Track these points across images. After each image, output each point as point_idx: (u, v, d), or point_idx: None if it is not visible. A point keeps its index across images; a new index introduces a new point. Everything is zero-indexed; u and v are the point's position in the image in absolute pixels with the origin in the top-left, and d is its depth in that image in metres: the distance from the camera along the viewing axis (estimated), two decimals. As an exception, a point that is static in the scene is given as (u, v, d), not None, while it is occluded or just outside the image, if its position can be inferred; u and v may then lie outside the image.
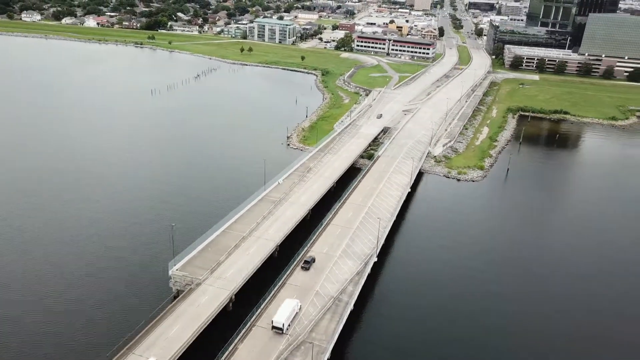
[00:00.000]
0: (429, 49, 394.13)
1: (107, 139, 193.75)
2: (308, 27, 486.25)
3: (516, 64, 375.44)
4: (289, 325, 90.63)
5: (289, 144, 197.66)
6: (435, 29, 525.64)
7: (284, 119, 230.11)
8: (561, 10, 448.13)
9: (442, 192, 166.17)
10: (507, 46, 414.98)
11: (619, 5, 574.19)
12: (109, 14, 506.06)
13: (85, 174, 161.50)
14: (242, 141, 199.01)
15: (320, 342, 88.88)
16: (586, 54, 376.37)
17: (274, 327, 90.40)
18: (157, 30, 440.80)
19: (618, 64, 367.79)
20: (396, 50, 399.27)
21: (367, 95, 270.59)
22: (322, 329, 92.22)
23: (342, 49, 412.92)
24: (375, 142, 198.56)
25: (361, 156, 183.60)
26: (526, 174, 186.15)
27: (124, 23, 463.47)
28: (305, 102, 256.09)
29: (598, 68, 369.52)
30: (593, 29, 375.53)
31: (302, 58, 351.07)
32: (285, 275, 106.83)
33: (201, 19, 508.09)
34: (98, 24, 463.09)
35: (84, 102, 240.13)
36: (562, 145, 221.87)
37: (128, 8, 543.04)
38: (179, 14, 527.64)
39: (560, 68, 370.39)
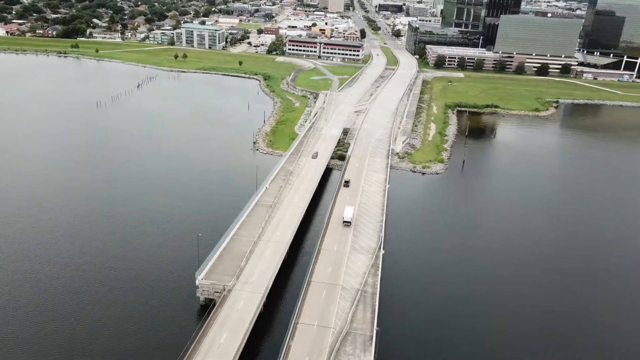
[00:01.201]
0: (358, 50, 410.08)
1: (72, 156, 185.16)
2: (234, 31, 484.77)
3: (440, 63, 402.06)
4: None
5: (257, 149, 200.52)
6: (356, 31, 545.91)
7: (242, 124, 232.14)
8: (472, 12, 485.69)
9: (412, 185, 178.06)
10: (428, 46, 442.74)
11: (529, 6, 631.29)
12: (16, 21, 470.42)
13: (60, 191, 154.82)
14: (210, 149, 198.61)
15: (363, 331, 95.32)
16: (500, 52, 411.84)
17: (344, 222, 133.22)
18: (76, 38, 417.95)
19: (527, 60, 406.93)
20: (327, 52, 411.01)
21: (315, 98, 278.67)
22: (360, 319, 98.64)
23: (274, 52, 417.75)
24: (340, 143, 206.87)
25: (331, 157, 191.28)
26: (479, 163, 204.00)
27: (37, 31, 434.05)
28: (258, 108, 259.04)
29: (511, 64, 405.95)
30: (505, 29, 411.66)
31: (240, 63, 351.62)
32: (309, 274, 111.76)
33: (120, 25, 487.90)
34: (7, 32, 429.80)
35: (33, 120, 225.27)
36: (502, 135, 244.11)
37: (35, 15, 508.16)
38: (94, 20, 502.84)
39: (478, 65, 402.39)
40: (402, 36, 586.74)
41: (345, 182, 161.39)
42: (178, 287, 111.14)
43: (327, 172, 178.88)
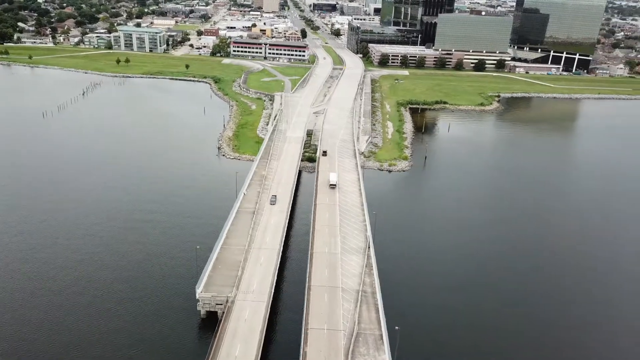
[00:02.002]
0: (304, 51, 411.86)
1: (35, 171, 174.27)
2: (173, 33, 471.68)
3: (384, 61, 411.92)
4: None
5: (224, 154, 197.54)
6: (297, 31, 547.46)
7: (201, 130, 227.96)
8: (409, 11, 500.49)
9: (382, 183, 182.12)
10: (371, 45, 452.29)
11: (459, 4, 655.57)
12: None
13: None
14: (175, 157, 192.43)
15: (372, 331, 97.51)
16: (440, 50, 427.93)
17: (330, 185, 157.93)
18: (3, 44, 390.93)
19: (465, 57, 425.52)
20: (273, 53, 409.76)
21: (270, 100, 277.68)
22: (367, 319, 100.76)
23: (219, 54, 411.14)
24: (306, 145, 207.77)
25: (301, 159, 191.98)
26: (439, 158, 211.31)
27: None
28: (214, 112, 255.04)
29: (450, 61, 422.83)
30: (443, 28, 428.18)
31: (187, 67, 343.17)
32: (308, 278, 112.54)
33: (50, 29, 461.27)
34: None
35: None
36: (455, 130, 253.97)
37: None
38: (20, 24, 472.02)
39: (420, 63, 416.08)
40: (341, 35, 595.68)
41: (324, 152, 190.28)
42: (176, 302, 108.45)
43: (298, 174, 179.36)
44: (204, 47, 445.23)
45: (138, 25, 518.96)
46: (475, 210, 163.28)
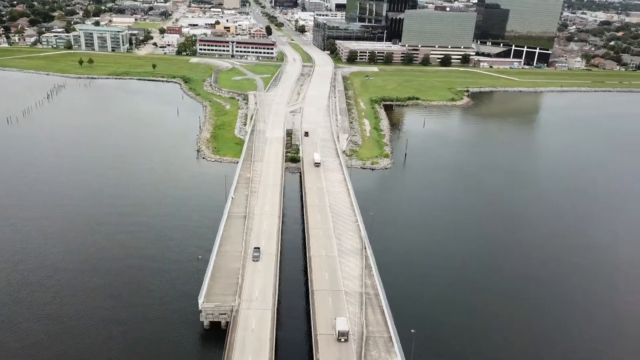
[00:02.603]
0: (272, 48, 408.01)
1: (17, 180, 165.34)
2: (135, 31, 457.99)
3: (352, 58, 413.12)
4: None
5: (204, 157, 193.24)
6: (262, 28, 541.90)
7: (177, 132, 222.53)
8: (374, 8, 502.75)
9: (368, 182, 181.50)
10: (338, 41, 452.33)
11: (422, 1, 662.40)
12: None
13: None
14: (154, 161, 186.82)
15: (381, 334, 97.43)
16: (406, 45, 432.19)
17: (315, 164, 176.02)
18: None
19: (432, 52, 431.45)
20: (241, 51, 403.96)
21: (244, 99, 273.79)
22: (374, 322, 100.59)
23: (185, 53, 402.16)
24: (288, 145, 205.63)
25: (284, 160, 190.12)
26: (419, 154, 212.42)
27: None
28: (187, 113, 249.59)
29: (417, 56, 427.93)
30: (409, 23, 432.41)
31: (154, 66, 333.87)
32: (309, 282, 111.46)
33: (2, 28, 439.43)
34: None
35: None
36: (429, 125, 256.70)
37: None
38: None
39: (388, 59, 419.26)
40: (306, 32, 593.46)
41: (305, 132, 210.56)
42: (177, 313, 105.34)
43: (285, 175, 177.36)
44: (168, 45, 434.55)
45: (97, 23, 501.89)
46: (462, 205, 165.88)
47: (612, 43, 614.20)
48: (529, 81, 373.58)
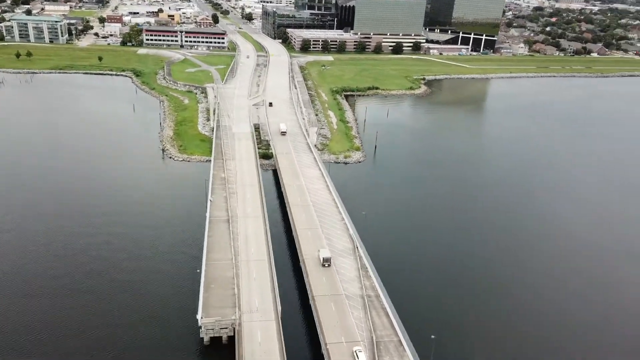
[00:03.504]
0: (223, 38, 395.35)
1: None
2: (73, 21, 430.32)
3: (305, 47, 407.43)
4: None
5: (170, 157, 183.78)
6: (208, 17, 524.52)
7: (136, 130, 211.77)
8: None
9: (344, 176, 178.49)
10: (289, 30, 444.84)
11: None
12: None
13: None
14: (118, 163, 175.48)
15: (390, 337, 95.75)
16: (359, 34, 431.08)
17: (281, 132, 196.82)
18: None
19: (384, 40, 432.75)
20: (190, 42, 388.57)
21: (203, 93, 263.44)
22: (380, 326, 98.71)
23: (130, 44, 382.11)
24: (258, 140, 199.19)
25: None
26: (388, 146, 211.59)
27: None
28: (144, 109, 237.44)
29: (370, 44, 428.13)
30: (361, 11, 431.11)
31: (100, 59, 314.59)
32: (309, 287, 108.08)
33: None
34: None
35: None
36: (393, 115, 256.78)
37: None
38: None
39: (341, 47, 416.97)
40: (254, 19, 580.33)
41: (270, 103, 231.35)
42: (175, 330, 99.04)
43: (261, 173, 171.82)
44: (111, 35, 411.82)
45: (28, 12, 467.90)
46: (442, 197, 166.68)
47: (548, 29, 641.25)
48: (479, 68, 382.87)
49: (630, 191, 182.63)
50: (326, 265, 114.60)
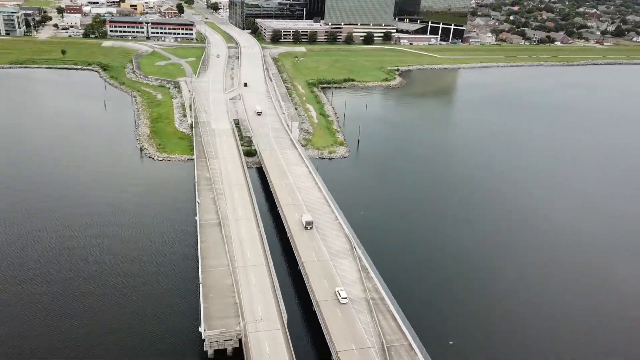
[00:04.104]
0: (191, 29, 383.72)
1: None
2: (30, 11, 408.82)
3: (276, 38, 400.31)
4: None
5: (150, 156, 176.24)
6: (173, 7, 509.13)
7: (109, 129, 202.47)
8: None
9: (331, 172, 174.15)
10: (259, 20, 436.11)
11: None
12: None
13: None
14: (92, 166, 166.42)
15: (400, 341, 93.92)
16: (329, 24, 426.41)
17: (257, 112, 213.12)
18: None
19: (355, 30, 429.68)
20: (157, 33, 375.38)
21: (176, 87, 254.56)
22: (389, 329, 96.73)
23: (93, 36, 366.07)
24: (239, 137, 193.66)
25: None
26: (371, 140, 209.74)
27: None
28: (115, 105, 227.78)
29: (341, 35, 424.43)
30: (332, 1, 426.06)
31: (63, 52, 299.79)
32: (311, 292, 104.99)
33: None
34: None
35: None
36: (371, 108, 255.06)
37: None
38: None
39: (312, 38, 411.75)
40: (219, 9, 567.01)
41: (245, 83, 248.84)
42: (176, 344, 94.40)
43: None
44: (72, 27, 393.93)
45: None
46: (432, 191, 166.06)
47: (512, 17, 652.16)
48: (450, 58, 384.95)
49: (613, 178, 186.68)
50: (308, 227, 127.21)
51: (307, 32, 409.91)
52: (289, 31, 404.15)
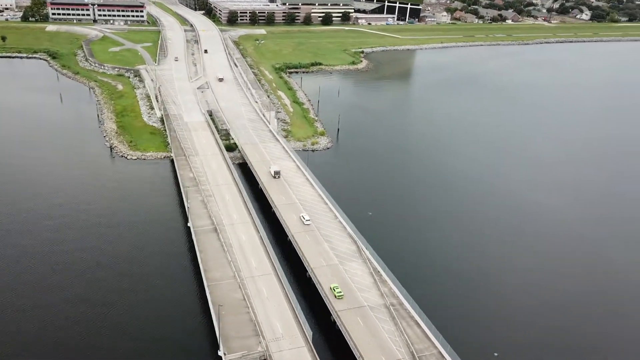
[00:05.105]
0: (142, 10, 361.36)
1: None
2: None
3: (233, 19, 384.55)
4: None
5: (122, 155, 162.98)
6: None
7: (71, 125, 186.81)
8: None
9: (317, 165, 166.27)
10: (212, 1, 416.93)
11: None
12: None
13: None
14: (57, 168, 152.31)
15: (429, 350, 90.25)
16: (287, 4, 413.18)
17: (219, 79, 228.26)
18: None
19: (312, 11, 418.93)
20: (105, 15, 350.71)
21: (137, 76, 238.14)
22: (415, 337, 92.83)
23: (33, 19, 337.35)
24: (216, 129, 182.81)
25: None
26: (349, 129, 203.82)
27: None
28: (72, 98, 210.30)
29: (299, 16, 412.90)
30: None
31: (3, 39, 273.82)
32: (328, 302, 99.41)
33: None
34: None
35: None
36: (343, 94, 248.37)
37: None
38: None
39: (270, 19, 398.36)
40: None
41: (205, 50, 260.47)
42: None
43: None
44: (7, 9, 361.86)
45: None
46: (418, 181, 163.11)
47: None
48: (411, 39, 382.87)
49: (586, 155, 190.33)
50: (277, 177, 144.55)
51: (264, 13, 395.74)
52: (246, 12, 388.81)
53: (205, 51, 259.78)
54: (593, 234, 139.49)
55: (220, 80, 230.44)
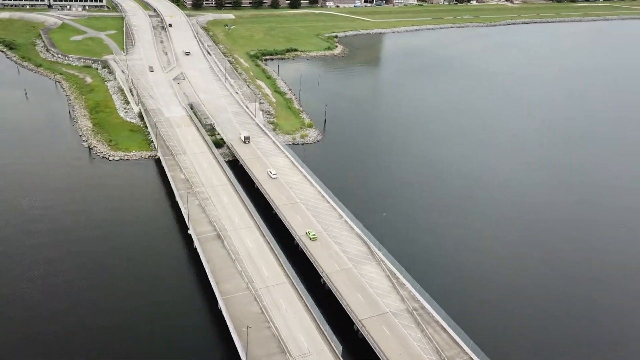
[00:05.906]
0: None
1: None
2: None
3: (198, 3, 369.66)
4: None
5: (103, 156, 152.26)
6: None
7: (40, 124, 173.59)
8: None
9: (310, 160, 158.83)
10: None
11: None
12: None
13: None
14: (31, 173, 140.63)
15: (460, 356, 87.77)
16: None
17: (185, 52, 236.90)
18: None
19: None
20: (60, 0, 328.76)
21: (105, 68, 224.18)
22: (444, 344, 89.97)
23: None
24: (202, 124, 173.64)
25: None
26: (335, 119, 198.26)
27: None
28: (38, 94, 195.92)
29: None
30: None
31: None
32: (349, 310, 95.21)
33: None
34: None
35: None
36: (323, 82, 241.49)
37: None
38: None
39: (236, 2, 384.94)
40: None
41: (169, 24, 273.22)
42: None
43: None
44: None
45: None
46: (416, 174, 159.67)
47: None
48: (382, 22, 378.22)
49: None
50: (247, 142, 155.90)
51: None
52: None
53: (170, 25, 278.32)
54: None
55: (187, 54, 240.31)
